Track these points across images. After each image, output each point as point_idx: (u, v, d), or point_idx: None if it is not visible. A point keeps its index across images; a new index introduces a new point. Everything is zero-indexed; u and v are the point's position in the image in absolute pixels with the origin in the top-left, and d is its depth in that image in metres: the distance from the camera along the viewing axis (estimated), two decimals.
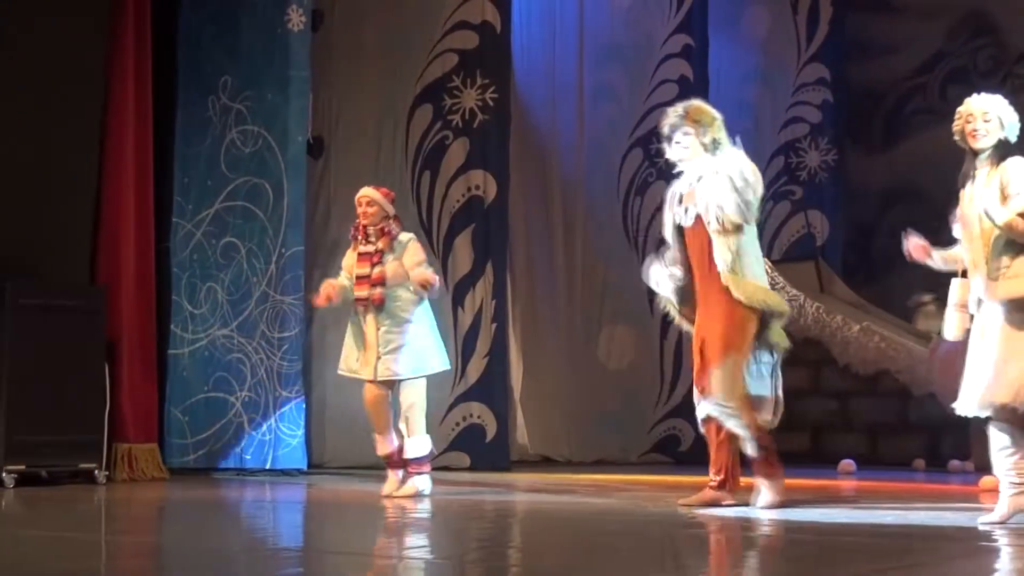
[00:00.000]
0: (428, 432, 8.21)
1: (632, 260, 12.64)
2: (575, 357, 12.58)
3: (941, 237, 6.99)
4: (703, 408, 7.11)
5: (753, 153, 16.17)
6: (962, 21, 15.85)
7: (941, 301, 7.27)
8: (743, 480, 7.27)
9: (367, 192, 8.26)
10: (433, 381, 11.01)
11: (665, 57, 13.24)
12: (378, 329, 7.94)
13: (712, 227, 7.02)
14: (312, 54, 10.32)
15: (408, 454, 8.02)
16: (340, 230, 11.20)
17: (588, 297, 12.72)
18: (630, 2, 13.19)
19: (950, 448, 11.63)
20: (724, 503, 7.09)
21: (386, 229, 8.07)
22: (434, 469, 10.62)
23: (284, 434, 9.83)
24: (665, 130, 7.28)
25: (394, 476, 8.07)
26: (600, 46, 13.02)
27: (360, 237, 8.11)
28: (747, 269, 7.11)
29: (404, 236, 8.14)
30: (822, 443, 13.08)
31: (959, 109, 6.44)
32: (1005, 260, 6.15)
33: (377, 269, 7.95)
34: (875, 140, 16.15)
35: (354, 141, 11.27)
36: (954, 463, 11.30)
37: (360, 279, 8.00)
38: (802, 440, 13.24)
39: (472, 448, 10.93)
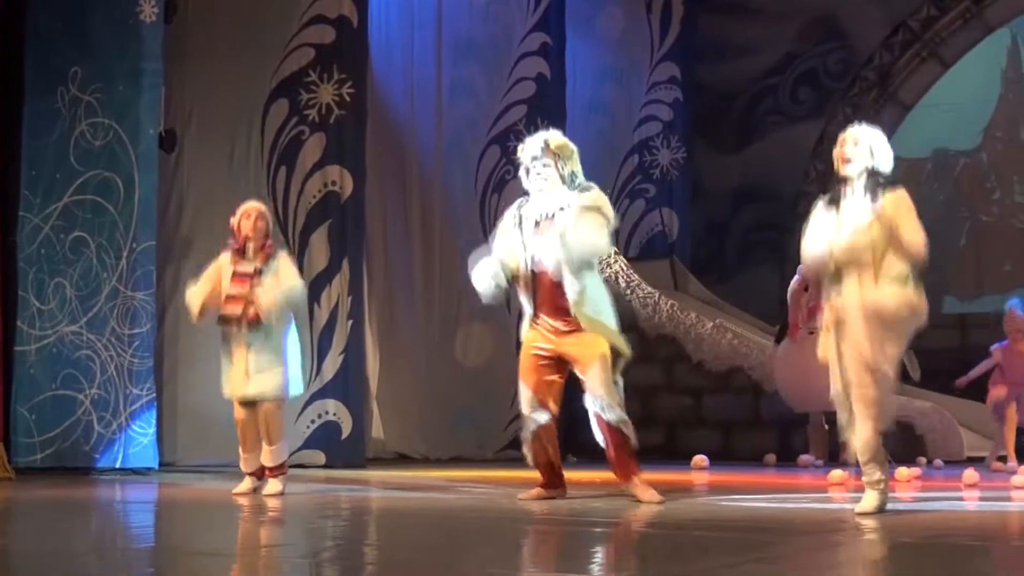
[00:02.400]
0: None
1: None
2: (432, 354, 12.57)
3: (789, 236, 7.14)
4: (540, 416, 7.31)
5: (608, 152, 16.41)
6: (812, 25, 16.17)
7: None
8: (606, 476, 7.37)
9: (257, 206, 8.18)
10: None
11: (523, 55, 13.29)
12: (248, 348, 7.84)
13: (563, 257, 7.17)
14: (165, 46, 10.17)
15: (268, 462, 7.96)
16: (193, 225, 11.07)
17: (445, 294, 12.71)
18: (487, 1, 13.21)
19: (800, 443, 11.86)
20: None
21: (267, 246, 7.97)
22: (289, 467, 10.56)
23: (135, 432, 9.66)
24: (524, 159, 7.37)
25: (250, 481, 8.01)
26: (458, 42, 13.03)
27: (238, 251, 7.95)
28: (602, 306, 7.33)
29: (278, 252, 8.08)
30: (676, 439, 13.23)
31: (843, 132, 6.61)
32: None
33: (256, 291, 7.83)
34: (727, 139, 16.40)
35: (208, 135, 11.13)
36: (804, 458, 11.51)
37: (234, 298, 7.87)
38: (656, 436, 13.38)
39: (327, 445, 10.87)
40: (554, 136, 7.43)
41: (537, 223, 7.30)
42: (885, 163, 6.50)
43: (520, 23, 13.34)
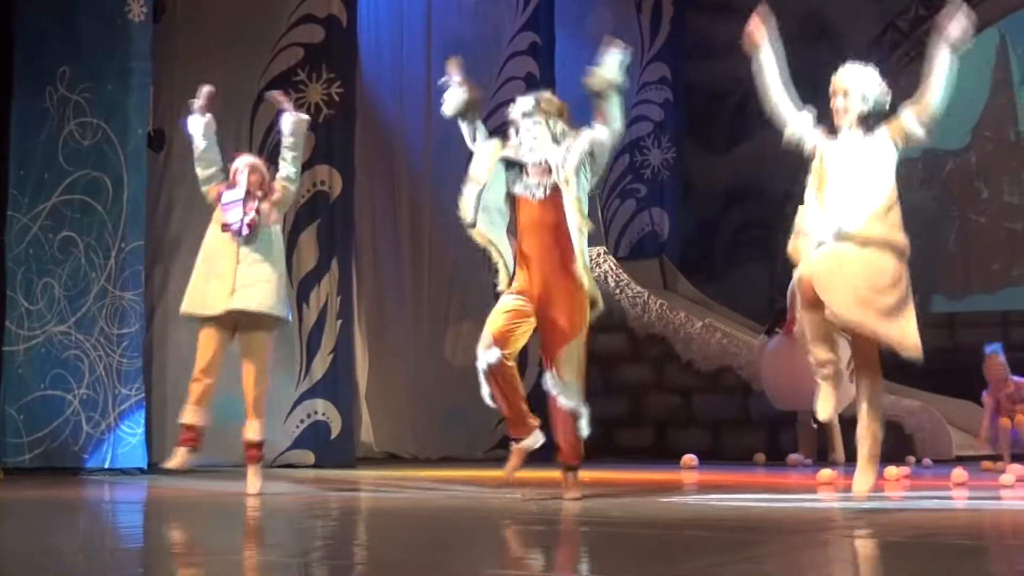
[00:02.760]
0: (271, 429, 8.11)
1: (479, 258, 12.65)
2: (421, 354, 12.57)
3: (779, 236, 7.18)
4: (490, 355, 7.09)
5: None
6: (802, 24, 16.16)
7: None
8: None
9: (249, 160, 7.96)
10: (275, 378, 10.95)
11: (512, 54, 13.29)
12: (238, 263, 7.64)
13: (575, 221, 7.12)
14: (154, 45, 10.15)
15: (255, 435, 7.72)
16: (182, 225, 11.05)
17: (435, 294, 12.71)
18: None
19: (789, 443, 11.87)
20: (536, 444, 7.32)
21: (266, 189, 7.83)
22: (278, 467, 10.56)
23: (124, 432, 9.65)
24: (515, 116, 7.37)
25: (185, 453, 7.68)
26: (447, 42, 13.01)
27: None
28: (587, 258, 7.24)
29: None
30: (665, 438, 13.25)
31: (832, 78, 6.63)
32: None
33: (253, 204, 7.70)
34: (717, 139, 16.41)
35: None
36: (793, 457, 11.52)
37: (231, 203, 7.71)
38: (645, 435, 13.41)
39: (316, 445, 10.86)
40: (545, 95, 7.47)
41: (524, 168, 7.30)
42: (880, 101, 6.64)
43: (509, 23, 13.34)
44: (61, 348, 9.67)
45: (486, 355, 7.13)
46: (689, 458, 11.43)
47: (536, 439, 7.30)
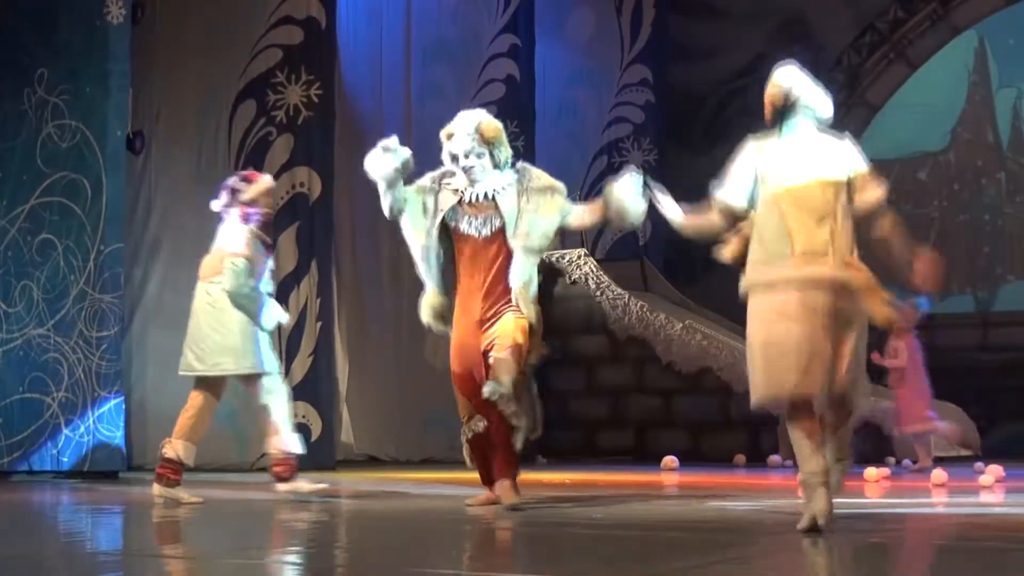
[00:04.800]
0: (251, 431, 8.09)
1: None
2: (401, 356, 12.54)
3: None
4: (475, 426, 6.86)
5: (578, 153, 16.40)
6: (781, 26, 16.21)
7: None
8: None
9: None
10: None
11: (492, 56, 13.29)
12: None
13: (522, 245, 6.81)
14: (132, 47, 10.10)
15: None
16: (160, 227, 11.03)
17: (415, 295, 12.63)
18: (456, 2, 13.21)
19: (770, 444, 11.89)
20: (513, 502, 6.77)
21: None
22: (258, 469, 10.54)
23: (103, 435, 9.60)
24: (454, 149, 6.91)
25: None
26: (428, 44, 13.02)
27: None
28: (532, 293, 6.88)
29: None
30: (646, 440, 13.26)
31: (770, 81, 6.12)
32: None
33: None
34: (697, 141, 16.43)
35: (175, 136, 11.10)
36: (774, 458, 11.54)
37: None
38: (626, 437, 13.41)
39: None
40: (484, 122, 6.92)
41: (471, 202, 6.92)
42: (824, 110, 6.17)
43: (489, 25, 13.34)
44: (40, 351, 9.63)
45: (472, 425, 6.89)
46: (670, 460, 11.44)
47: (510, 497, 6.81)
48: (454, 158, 6.94)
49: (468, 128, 6.87)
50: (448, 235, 7.04)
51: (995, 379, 14.15)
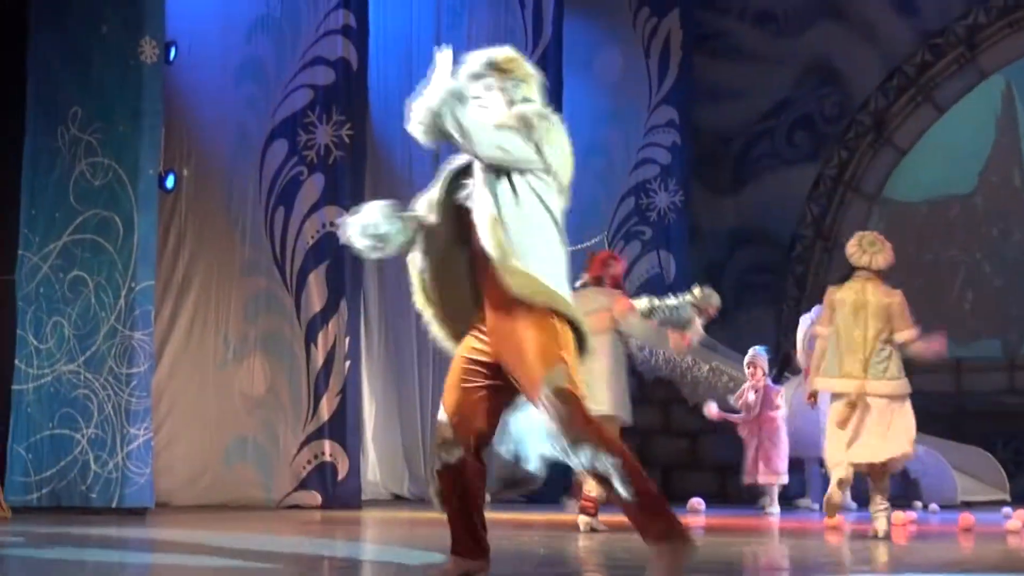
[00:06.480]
0: (278, 469, 8.12)
1: None
2: (427, 395, 12.57)
3: (785, 279, 7.13)
4: (447, 454, 5.17)
5: (605, 193, 16.41)
6: (808, 70, 16.26)
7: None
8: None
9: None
10: (282, 419, 10.97)
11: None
12: None
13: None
14: (165, 86, 10.19)
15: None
16: (191, 265, 11.11)
17: None
18: (486, 39, 13.26)
19: (797, 486, 11.86)
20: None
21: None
22: (285, 508, 10.56)
23: (131, 472, 9.62)
24: (463, 80, 5.20)
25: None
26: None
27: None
28: (530, 253, 4.91)
29: None
30: (672, 482, 13.22)
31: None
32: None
33: None
34: (723, 182, 16.46)
35: (207, 175, 11.18)
36: (801, 501, 11.52)
37: None
38: (652, 479, 13.35)
39: (323, 487, 10.83)
40: (505, 51, 5.28)
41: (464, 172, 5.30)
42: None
43: None
44: (70, 387, 9.67)
45: (443, 453, 5.14)
46: (696, 502, 11.43)
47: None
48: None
49: (482, 55, 5.31)
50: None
51: (1023, 423, 14.09)
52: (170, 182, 10.44)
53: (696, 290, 8.10)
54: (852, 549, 7.24)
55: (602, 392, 8.36)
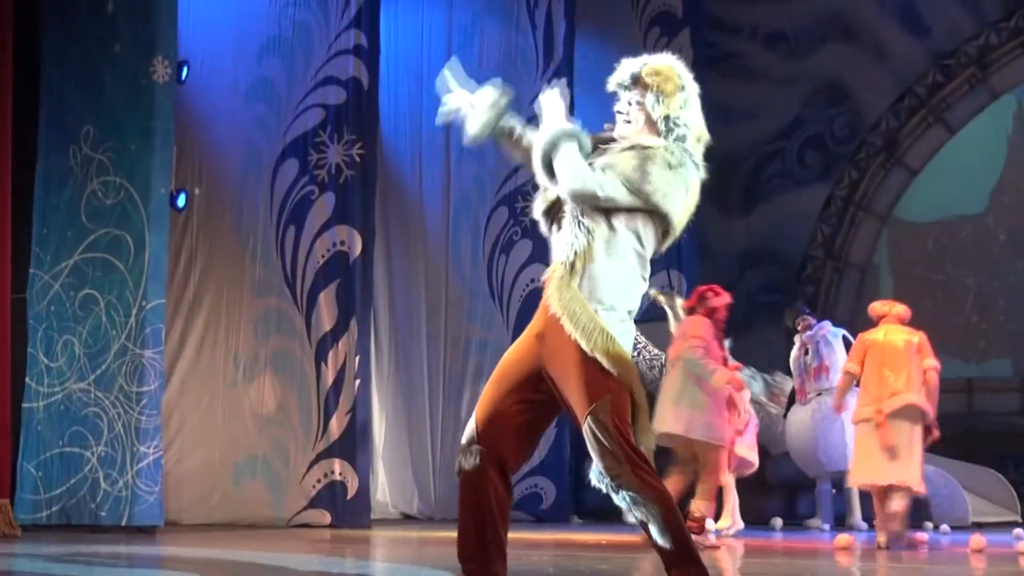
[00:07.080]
0: (288, 488, 8.13)
1: (496, 319, 12.73)
2: (437, 414, 12.58)
3: (796, 299, 7.15)
4: (466, 458, 4.74)
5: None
6: (819, 90, 16.27)
7: None
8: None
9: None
10: (292, 438, 10.98)
11: (532, 117, 13.36)
12: None
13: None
14: (177, 105, 10.23)
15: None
16: (202, 284, 11.14)
17: (452, 354, 12.74)
18: (497, 60, 13.31)
19: (807, 507, 11.83)
20: None
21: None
22: (294, 526, 10.56)
23: (141, 490, 9.64)
24: (611, 87, 5.12)
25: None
26: None
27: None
28: (604, 292, 4.70)
29: None
30: (682, 503, 13.18)
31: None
32: None
33: None
34: (734, 202, 16.45)
35: (218, 194, 11.21)
36: (811, 522, 11.49)
37: None
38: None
39: (333, 505, 10.83)
40: (658, 61, 5.07)
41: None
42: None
43: (529, 84, 13.44)
44: (80, 405, 9.70)
45: (464, 454, 4.76)
46: (708, 523, 11.38)
47: None
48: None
49: (634, 64, 5.13)
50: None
51: None
52: (181, 201, 10.50)
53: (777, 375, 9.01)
54: (863, 571, 7.23)
55: (667, 410, 8.64)
